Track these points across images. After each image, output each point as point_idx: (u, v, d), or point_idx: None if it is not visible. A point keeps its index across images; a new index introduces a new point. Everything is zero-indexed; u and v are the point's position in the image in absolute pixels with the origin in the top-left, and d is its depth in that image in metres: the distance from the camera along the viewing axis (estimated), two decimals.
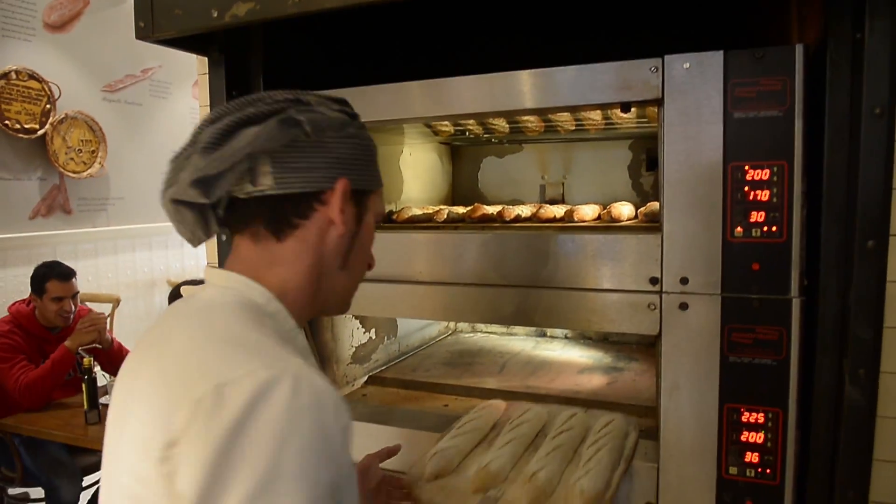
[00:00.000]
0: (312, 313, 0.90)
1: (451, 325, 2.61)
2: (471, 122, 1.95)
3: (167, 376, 0.72)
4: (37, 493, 3.12)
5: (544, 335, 2.44)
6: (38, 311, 3.14)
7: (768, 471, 1.25)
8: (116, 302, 4.23)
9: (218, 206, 0.81)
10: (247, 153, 0.78)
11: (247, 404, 0.66)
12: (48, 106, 4.62)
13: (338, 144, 0.85)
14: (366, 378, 1.96)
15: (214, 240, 1.70)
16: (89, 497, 3.18)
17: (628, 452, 1.32)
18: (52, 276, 3.14)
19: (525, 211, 1.79)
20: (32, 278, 3.18)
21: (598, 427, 1.36)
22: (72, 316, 3.20)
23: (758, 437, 1.25)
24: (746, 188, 1.21)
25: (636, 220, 1.65)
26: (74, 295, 3.20)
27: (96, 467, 3.12)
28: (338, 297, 0.93)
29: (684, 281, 1.27)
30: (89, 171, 4.92)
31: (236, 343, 0.75)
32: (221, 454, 0.64)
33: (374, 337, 2.04)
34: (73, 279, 3.21)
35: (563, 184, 2.30)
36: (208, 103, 1.59)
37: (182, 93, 5.75)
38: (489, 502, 1.17)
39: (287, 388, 0.68)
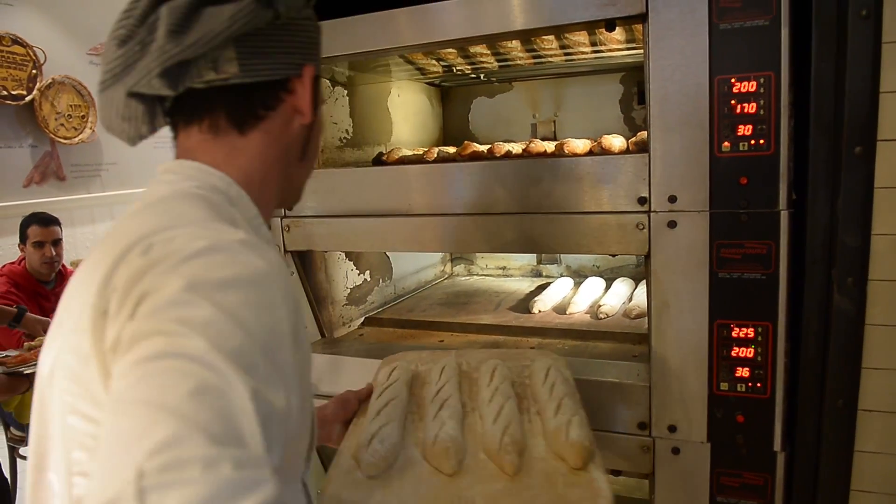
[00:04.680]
0: (274, 206, 0.87)
1: (448, 268, 2.62)
2: (459, 59, 1.92)
3: (101, 255, 0.68)
4: None
5: (540, 275, 2.45)
6: (27, 263, 3.22)
7: (759, 385, 1.26)
8: None
9: (167, 97, 0.74)
10: (224, 38, 0.70)
11: (172, 249, 0.62)
12: (34, 71, 4.56)
13: (300, 26, 0.79)
14: (362, 319, 1.98)
15: None
16: None
17: (574, 390, 1.14)
18: (32, 221, 3.23)
19: (516, 147, 1.78)
20: (19, 229, 3.28)
21: (539, 375, 1.19)
22: (57, 264, 3.29)
23: (748, 352, 1.26)
24: (733, 101, 1.19)
25: (627, 153, 1.64)
26: (56, 242, 3.26)
27: None
28: (295, 189, 0.90)
29: (672, 199, 1.26)
30: (80, 136, 4.88)
31: (179, 213, 0.70)
32: (140, 280, 0.61)
33: (368, 279, 2.04)
34: (55, 226, 3.28)
35: (554, 121, 2.28)
36: None
37: None
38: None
39: (214, 248, 0.63)
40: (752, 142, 1.19)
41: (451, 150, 1.85)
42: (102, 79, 0.74)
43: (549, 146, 1.73)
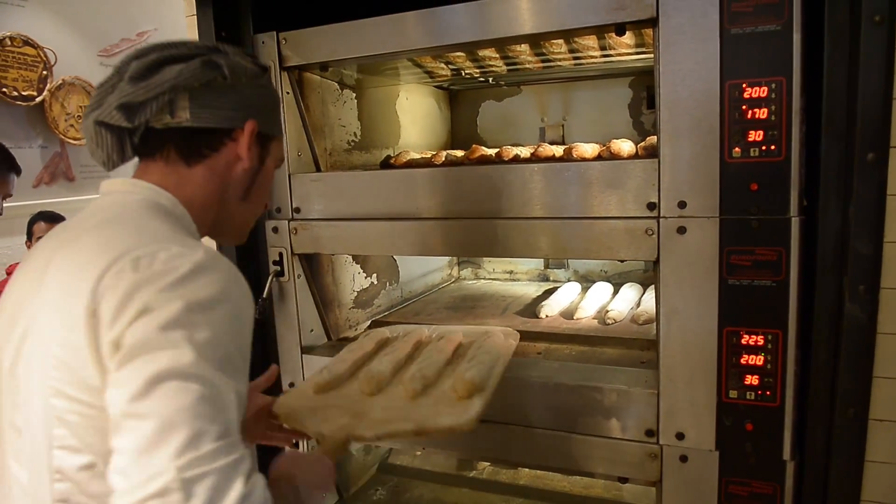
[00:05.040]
0: (209, 232, 1.03)
1: (455, 272, 2.61)
2: (467, 62, 1.92)
3: (84, 262, 0.82)
4: None
5: (547, 279, 2.44)
6: None
7: (768, 392, 1.25)
8: None
9: (135, 133, 0.93)
10: (170, 86, 0.89)
11: (161, 269, 0.78)
12: (45, 72, 4.59)
13: (250, 91, 0.98)
14: (368, 323, 1.97)
15: None
16: None
17: (506, 351, 1.37)
18: (39, 218, 3.30)
19: (524, 151, 1.77)
20: (27, 227, 3.34)
21: (478, 339, 1.45)
22: None
23: (757, 360, 1.25)
24: (744, 107, 1.18)
25: (636, 158, 1.62)
26: None
27: None
28: (235, 225, 1.07)
29: (682, 205, 1.25)
30: None
31: (150, 230, 0.87)
32: (130, 296, 0.76)
33: (375, 282, 2.04)
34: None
35: (563, 125, 2.27)
36: None
37: None
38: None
39: (194, 266, 0.80)
40: (763, 147, 1.18)
41: (459, 153, 1.84)
42: (84, 113, 0.95)
43: (558, 150, 1.72)
